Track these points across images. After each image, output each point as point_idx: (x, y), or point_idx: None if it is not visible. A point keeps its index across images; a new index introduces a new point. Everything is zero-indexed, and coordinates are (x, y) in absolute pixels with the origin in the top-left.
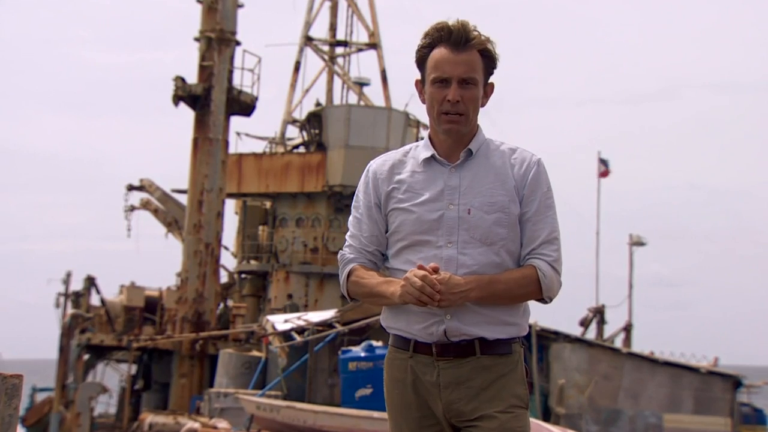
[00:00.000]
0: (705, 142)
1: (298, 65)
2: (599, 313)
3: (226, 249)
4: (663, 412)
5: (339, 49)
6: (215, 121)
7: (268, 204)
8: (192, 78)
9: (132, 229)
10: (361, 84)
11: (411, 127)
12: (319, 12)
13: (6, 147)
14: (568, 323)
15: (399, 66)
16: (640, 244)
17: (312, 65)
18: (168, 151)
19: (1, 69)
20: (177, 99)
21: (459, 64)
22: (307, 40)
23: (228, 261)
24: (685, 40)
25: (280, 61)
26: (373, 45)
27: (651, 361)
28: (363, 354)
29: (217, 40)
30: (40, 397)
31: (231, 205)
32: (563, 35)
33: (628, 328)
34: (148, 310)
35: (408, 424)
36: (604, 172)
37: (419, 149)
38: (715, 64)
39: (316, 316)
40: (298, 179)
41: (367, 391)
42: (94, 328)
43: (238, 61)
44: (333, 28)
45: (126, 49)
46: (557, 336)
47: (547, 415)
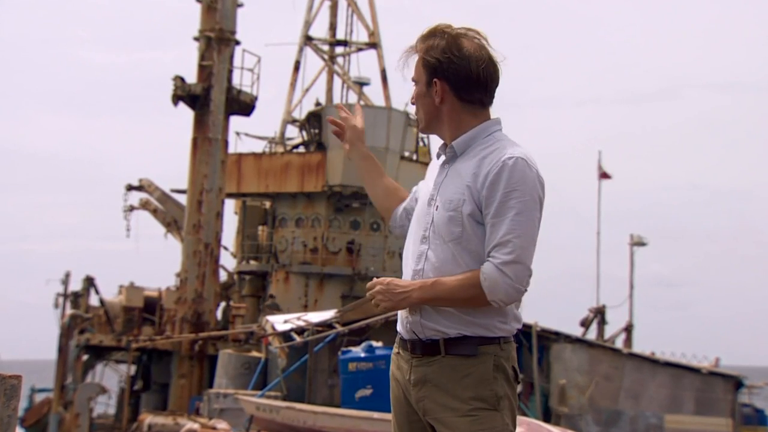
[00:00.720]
0: (706, 142)
1: (297, 65)
2: (600, 313)
3: (226, 249)
4: (664, 412)
5: (339, 49)
6: (215, 121)
7: (267, 204)
8: (191, 78)
9: (131, 229)
10: (361, 84)
11: (411, 126)
12: (319, 11)
13: (5, 147)
14: (568, 323)
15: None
16: (641, 244)
17: (312, 65)
18: (167, 151)
19: (1, 69)
20: (176, 99)
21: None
22: (307, 40)
23: (228, 261)
24: (687, 40)
25: (279, 60)
26: (373, 44)
27: (652, 361)
28: (363, 354)
29: (217, 39)
30: (39, 397)
31: (230, 205)
32: (563, 35)
33: (628, 329)
34: (148, 310)
35: (398, 419)
36: (604, 174)
37: None
38: (717, 63)
39: (316, 317)
40: (297, 179)
41: (366, 391)
42: (93, 328)
43: (237, 61)
44: (333, 27)
45: (125, 49)
46: (558, 336)
47: (547, 415)
